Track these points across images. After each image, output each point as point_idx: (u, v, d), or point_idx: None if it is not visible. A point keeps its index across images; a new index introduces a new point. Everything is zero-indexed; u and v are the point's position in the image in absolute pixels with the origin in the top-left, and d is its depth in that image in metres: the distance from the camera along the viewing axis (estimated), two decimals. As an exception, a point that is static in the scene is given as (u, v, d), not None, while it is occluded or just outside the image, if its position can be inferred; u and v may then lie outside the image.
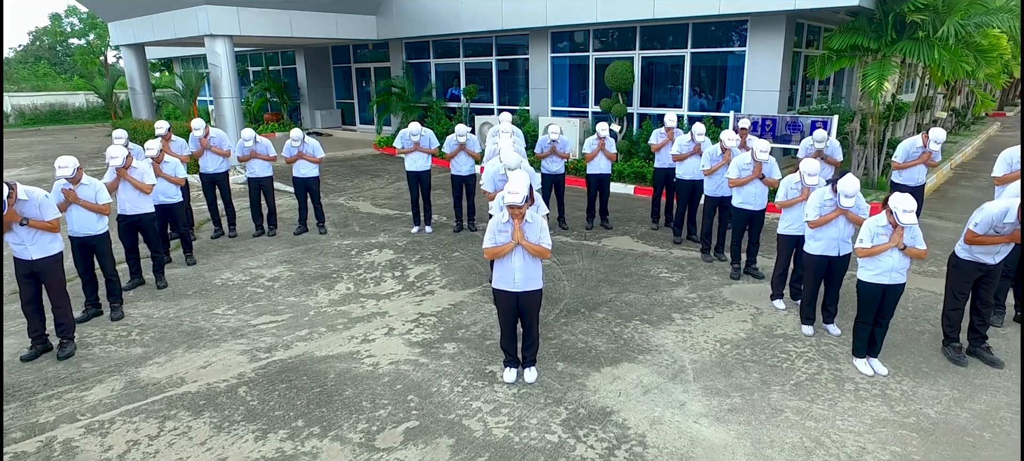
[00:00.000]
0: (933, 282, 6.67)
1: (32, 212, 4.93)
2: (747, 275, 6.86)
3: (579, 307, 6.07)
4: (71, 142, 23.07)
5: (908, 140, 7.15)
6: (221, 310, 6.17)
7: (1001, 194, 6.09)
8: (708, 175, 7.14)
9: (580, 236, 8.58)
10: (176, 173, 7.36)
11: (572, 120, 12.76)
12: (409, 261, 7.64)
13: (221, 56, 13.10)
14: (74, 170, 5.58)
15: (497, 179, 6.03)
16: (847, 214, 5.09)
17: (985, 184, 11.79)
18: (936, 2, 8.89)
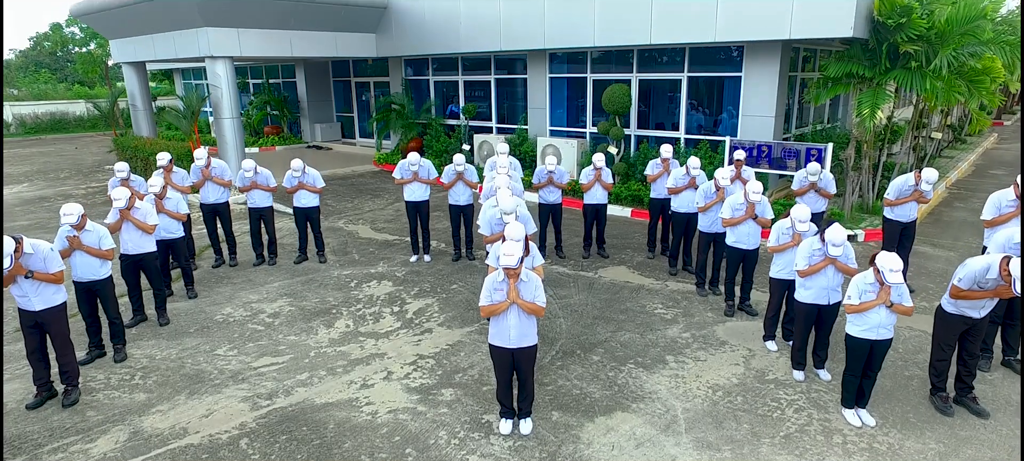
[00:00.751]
0: (924, 320, 6.75)
1: (37, 265, 5.03)
2: (741, 311, 6.96)
3: (575, 348, 6.17)
4: (72, 154, 23.19)
5: (900, 178, 7.24)
6: (222, 350, 6.27)
7: (990, 237, 6.20)
8: (702, 212, 7.24)
9: (577, 266, 8.68)
10: (178, 209, 7.47)
11: (570, 141, 12.86)
12: (408, 294, 7.74)
13: (222, 77, 13.20)
14: (78, 217, 5.68)
15: (494, 223, 6.13)
16: (835, 263, 5.18)
17: (979, 206, 11.87)
18: (929, 34, 8.97)
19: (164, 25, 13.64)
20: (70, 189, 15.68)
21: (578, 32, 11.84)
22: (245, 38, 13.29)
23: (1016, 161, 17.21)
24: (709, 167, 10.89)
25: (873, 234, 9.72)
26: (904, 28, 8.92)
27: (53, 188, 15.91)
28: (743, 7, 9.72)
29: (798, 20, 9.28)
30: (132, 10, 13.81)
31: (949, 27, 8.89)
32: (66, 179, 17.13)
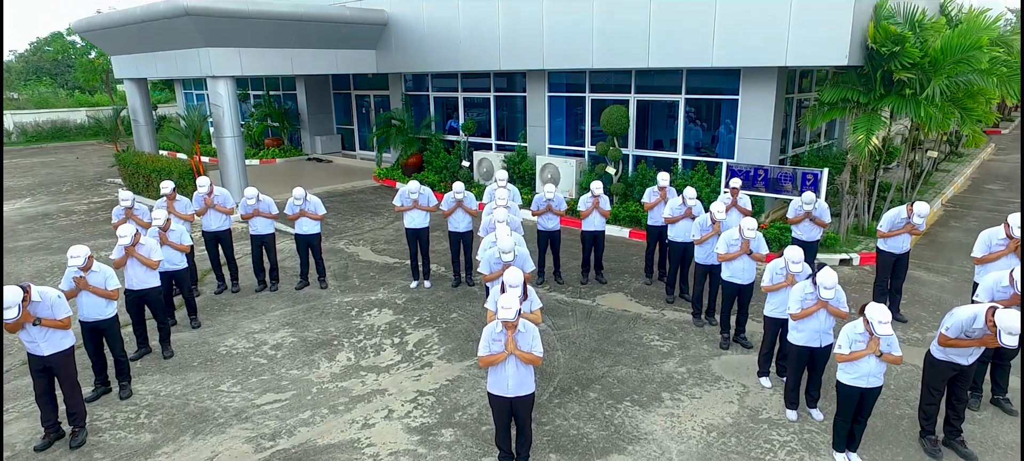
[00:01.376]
0: (916, 354, 6.86)
1: (44, 312, 5.13)
2: (736, 343, 7.07)
3: (573, 385, 6.28)
4: (73, 164, 23.27)
5: (893, 211, 7.35)
6: (226, 386, 6.38)
7: (980, 273, 6.32)
8: (699, 244, 7.35)
9: (575, 292, 8.79)
10: (182, 240, 7.57)
11: (569, 160, 12.97)
12: (408, 324, 7.85)
13: (223, 96, 13.29)
14: (85, 259, 5.78)
15: (493, 263, 6.23)
16: (827, 307, 5.29)
17: (974, 225, 11.99)
18: (923, 62, 9.09)
19: (166, 44, 13.74)
20: (72, 203, 15.79)
21: (577, 54, 11.95)
22: (246, 57, 13.39)
23: (1012, 174, 17.32)
24: (706, 189, 11.01)
25: (868, 258, 9.82)
26: (898, 56, 9.04)
27: (55, 203, 16.01)
28: (740, 34, 9.83)
29: (794, 48, 9.39)
30: (133, 29, 13.91)
31: (943, 56, 9.00)
32: (68, 193, 17.23)
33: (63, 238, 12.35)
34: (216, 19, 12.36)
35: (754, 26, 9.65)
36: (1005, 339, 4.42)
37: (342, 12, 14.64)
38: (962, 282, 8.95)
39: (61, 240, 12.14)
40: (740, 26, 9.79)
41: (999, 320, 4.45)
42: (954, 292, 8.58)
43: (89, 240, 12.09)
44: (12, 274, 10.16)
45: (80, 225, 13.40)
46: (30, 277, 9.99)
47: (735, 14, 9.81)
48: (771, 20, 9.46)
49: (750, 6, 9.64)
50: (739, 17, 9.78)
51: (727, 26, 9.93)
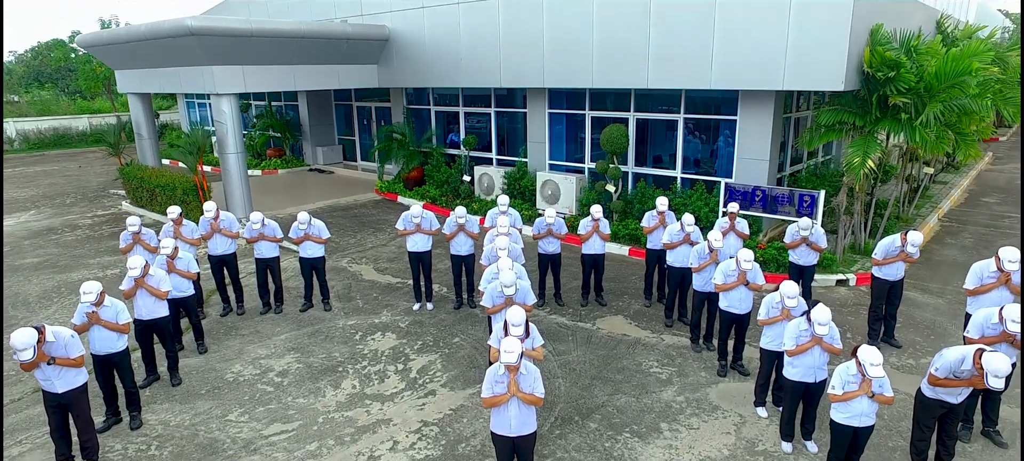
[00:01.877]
0: (911, 380, 7.00)
1: (58, 352, 5.27)
2: (734, 370, 7.21)
3: (573, 414, 6.42)
4: (76, 173, 23.41)
5: (887, 239, 7.48)
6: (234, 416, 6.51)
7: (973, 305, 6.45)
8: (696, 272, 7.48)
9: (575, 315, 8.93)
10: (189, 268, 7.71)
11: (569, 177, 13.10)
12: (411, 349, 7.99)
13: (226, 113, 13.43)
14: (97, 295, 5.90)
15: (496, 296, 6.36)
16: (821, 343, 5.43)
17: (970, 242, 12.13)
18: (918, 87, 9.22)
19: (170, 61, 13.88)
20: (76, 217, 15.92)
21: (577, 73, 12.08)
22: (250, 75, 13.53)
23: (1008, 185, 17.45)
24: (704, 209, 11.15)
25: (865, 278, 9.96)
26: (893, 81, 9.17)
27: (59, 216, 16.15)
28: (737, 58, 9.96)
29: (791, 73, 9.52)
30: (138, 46, 14.05)
31: (937, 81, 9.13)
32: (72, 206, 17.36)
33: (68, 255, 12.49)
34: (220, 38, 12.49)
35: (751, 50, 9.78)
36: (992, 382, 4.56)
37: (344, 29, 14.77)
38: (957, 304, 9.07)
39: (66, 257, 12.28)
40: (738, 50, 9.93)
41: (986, 363, 4.59)
42: (949, 315, 8.71)
43: (94, 257, 12.23)
44: (20, 294, 10.29)
45: (85, 240, 13.53)
46: (38, 297, 10.13)
47: (733, 38, 9.94)
48: (768, 45, 9.59)
49: (748, 31, 9.77)
50: (737, 41, 9.91)
51: (725, 50, 10.06)
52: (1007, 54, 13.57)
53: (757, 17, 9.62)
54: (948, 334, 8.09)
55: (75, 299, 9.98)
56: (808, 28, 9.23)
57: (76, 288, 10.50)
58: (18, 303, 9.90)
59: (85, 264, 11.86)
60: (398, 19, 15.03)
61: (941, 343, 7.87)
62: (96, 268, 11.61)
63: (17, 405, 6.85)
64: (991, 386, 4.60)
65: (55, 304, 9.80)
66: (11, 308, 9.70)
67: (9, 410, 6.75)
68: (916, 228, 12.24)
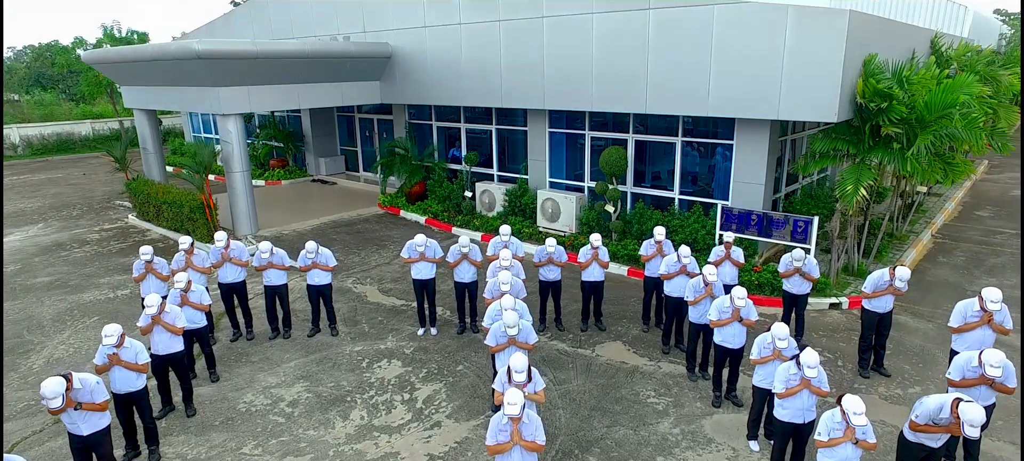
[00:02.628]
0: (898, 411, 7.27)
1: (85, 398, 5.53)
2: (727, 400, 7.49)
3: (573, 448, 6.69)
4: (81, 182, 23.65)
5: (876, 273, 7.74)
6: (247, 449, 6.79)
7: (957, 342, 6.72)
8: (692, 305, 7.74)
9: (575, 341, 9.20)
10: (202, 300, 7.96)
11: (569, 196, 13.35)
12: (417, 377, 8.26)
13: (232, 133, 13.68)
14: (118, 337, 6.16)
15: (499, 336, 6.62)
16: (810, 386, 5.69)
17: (962, 261, 12.38)
18: (911, 117, 9.46)
19: (176, 81, 14.11)
20: (84, 230, 16.17)
21: (577, 96, 12.32)
22: (255, 95, 13.77)
23: (1002, 197, 17.68)
24: (701, 231, 11.41)
25: (857, 302, 10.19)
26: (886, 112, 9.42)
27: (67, 230, 16.40)
28: (734, 86, 10.20)
29: (785, 103, 9.77)
30: (143, 66, 14.27)
31: (928, 112, 9.37)
32: (78, 218, 17.61)
33: (79, 273, 12.75)
34: (226, 61, 12.72)
35: (748, 80, 10.02)
36: (968, 431, 4.83)
37: (347, 47, 14.99)
38: (946, 330, 9.30)
39: (77, 277, 12.53)
40: (734, 79, 10.16)
41: (962, 413, 4.86)
42: (937, 341, 8.98)
43: (104, 276, 12.49)
44: (33, 317, 10.55)
45: (94, 257, 13.79)
46: (51, 320, 10.38)
47: (729, 68, 10.18)
48: (764, 76, 9.83)
49: (744, 62, 10.01)
50: (733, 71, 10.15)
51: (722, 78, 10.30)
52: (999, 72, 13.82)
53: (753, 48, 9.85)
54: (936, 362, 8.35)
55: (86, 322, 10.26)
56: (802, 60, 9.47)
57: (88, 310, 10.78)
58: (33, 327, 10.16)
59: (95, 283, 12.12)
60: (400, 37, 15.24)
61: (929, 372, 8.15)
62: (106, 288, 11.87)
63: (38, 437, 7.12)
64: (967, 435, 4.86)
65: (69, 328, 10.06)
66: (26, 332, 9.96)
67: (32, 441, 7.02)
68: (908, 252, 12.50)
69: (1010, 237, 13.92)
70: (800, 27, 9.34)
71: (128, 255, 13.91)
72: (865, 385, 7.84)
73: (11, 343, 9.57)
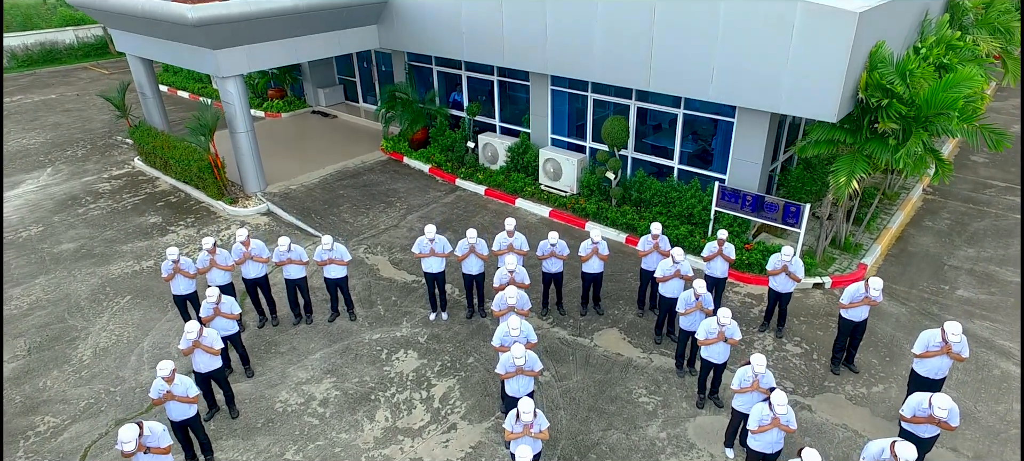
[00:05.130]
0: (859, 414, 8.23)
1: (153, 443, 6.38)
2: (710, 401, 8.44)
3: (573, 454, 7.71)
4: (77, 108, 23.37)
5: (852, 286, 8.36)
6: (290, 454, 7.80)
7: (918, 365, 7.51)
8: (683, 316, 8.46)
9: (575, 329, 10.01)
10: (232, 310, 8.65)
11: (570, 158, 13.59)
12: (432, 371, 9.16)
13: (233, 94, 13.62)
14: (170, 372, 6.91)
15: (508, 366, 7.35)
16: (779, 424, 6.55)
17: (947, 225, 12.92)
18: (909, 114, 9.59)
19: (171, 37, 13.77)
20: (94, 178, 16.47)
21: (579, 65, 12.20)
22: (253, 54, 13.53)
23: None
24: (698, 207, 11.87)
25: (840, 280, 10.94)
26: (885, 109, 9.55)
27: (77, 177, 16.67)
28: (737, 76, 10.19)
29: (786, 98, 9.84)
30: (139, 20, 13.86)
31: (926, 107, 9.49)
32: (84, 160, 17.80)
33: (100, 238, 13.29)
34: (223, 26, 12.41)
35: (751, 72, 10.00)
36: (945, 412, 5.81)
37: (343, -5, 14.44)
38: (918, 314, 10.14)
39: (100, 244, 13.08)
40: (738, 69, 10.13)
41: (899, 451, 5.74)
42: (908, 329, 9.78)
43: (126, 243, 13.05)
44: (71, 296, 11.27)
45: (111, 216, 14.25)
46: (88, 301, 11.10)
47: (734, 57, 10.11)
48: (767, 70, 9.81)
49: (749, 53, 9.92)
50: (738, 61, 10.09)
51: (726, 67, 10.26)
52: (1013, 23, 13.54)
53: (759, 40, 9.74)
54: (902, 355, 9.20)
55: (120, 303, 10.99)
56: (807, 59, 9.42)
57: (119, 288, 11.47)
58: (73, 309, 10.91)
59: (119, 252, 12.72)
60: (397, -18, 14.62)
61: (894, 367, 9.04)
62: (130, 257, 12.49)
63: (106, 440, 8.11)
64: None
65: (106, 311, 10.82)
66: (67, 315, 10.73)
67: (100, 446, 8.02)
68: (896, 216, 12.99)
69: (999, 192, 14.34)
70: (808, 26, 9.21)
71: (143, 213, 14.39)
72: (834, 384, 8.76)
73: (56, 329, 10.37)
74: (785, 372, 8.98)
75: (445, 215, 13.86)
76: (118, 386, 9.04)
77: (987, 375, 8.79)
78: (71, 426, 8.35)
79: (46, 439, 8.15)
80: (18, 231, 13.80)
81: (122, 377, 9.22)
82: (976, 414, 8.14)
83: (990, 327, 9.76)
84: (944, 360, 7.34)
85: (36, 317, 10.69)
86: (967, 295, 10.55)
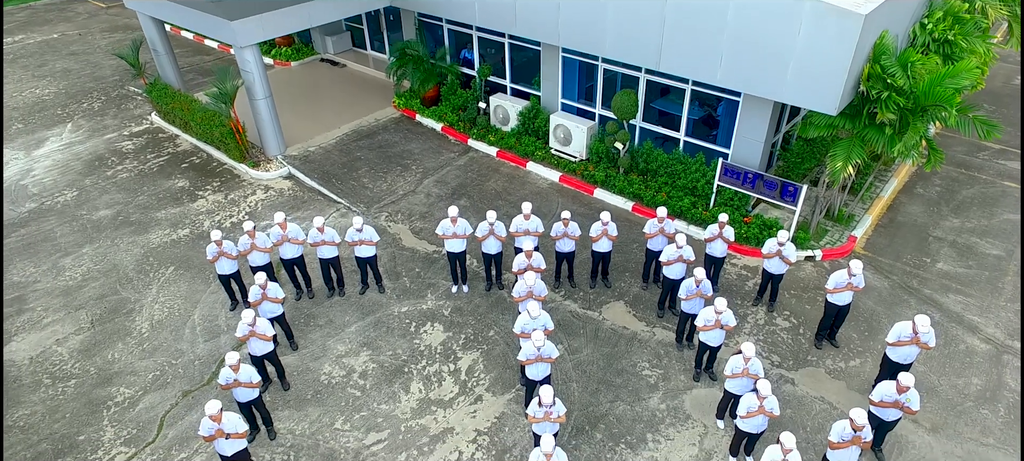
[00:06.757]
0: (835, 387, 9.35)
1: (230, 429, 7.49)
2: (705, 375, 9.55)
3: (584, 424, 8.89)
4: (82, 50, 23.32)
5: (838, 272, 9.22)
6: (339, 424, 9.00)
7: (891, 352, 8.52)
8: (685, 301, 9.40)
9: (585, 302, 10.99)
10: (277, 295, 9.58)
11: (580, 125, 14.08)
12: (457, 344, 10.22)
13: (251, 62, 13.91)
14: (236, 361, 7.92)
15: (529, 353, 8.36)
16: (763, 411, 7.64)
17: (936, 194, 13.61)
18: (907, 104, 10.09)
19: (188, 3, 13.87)
20: (115, 136, 16.97)
21: (590, 40, 12.45)
22: (267, 23, 13.72)
23: (1001, 90, 18.06)
24: (702, 181, 12.54)
25: (831, 253, 11.81)
26: (885, 101, 10.04)
27: (99, 135, 17.15)
28: (744, 65, 10.57)
29: (790, 90, 10.29)
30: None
31: (924, 99, 9.97)
32: (102, 114, 18.20)
33: (134, 204, 14.04)
34: (238, 0, 12.56)
35: (757, 62, 10.38)
36: (865, 434, 6.91)
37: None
38: (899, 289, 11.07)
39: (135, 209, 13.84)
40: (745, 58, 10.49)
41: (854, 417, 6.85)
42: (888, 304, 10.75)
43: (160, 209, 13.80)
44: (118, 266, 12.19)
45: (140, 180, 14.91)
46: (135, 271, 12.02)
47: (742, 46, 10.44)
48: (773, 61, 10.19)
49: (756, 44, 10.25)
50: (745, 50, 10.43)
51: (733, 54, 10.61)
52: None
53: (767, 33, 10.06)
54: (880, 330, 10.20)
55: (165, 274, 11.91)
56: (812, 54, 9.80)
57: (161, 258, 12.35)
58: (123, 280, 11.85)
59: (154, 220, 13.52)
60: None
61: (871, 342, 10.07)
62: (166, 225, 13.31)
63: (177, 410, 9.29)
64: (865, 438, 6.94)
65: (154, 283, 11.77)
66: (119, 287, 11.70)
67: (173, 416, 9.21)
68: (889, 182, 13.65)
69: (992, 156, 14.87)
70: (815, 23, 9.52)
71: (170, 176, 15.05)
72: (816, 358, 9.83)
73: (112, 301, 11.37)
74: (773, 346, 10.04)
75: (459, 179, 14.52)
76: (179, 359, 10.14)
77: (953, 350, 9.85)
78: (144, 397, 9.51)
79: (124, 409, 9.34)
80: (54, 196, 14.52)
81: (181, 350, 10.30)
82: (938, 388, 9.27)
83: (962, 301, 10.74)
84: (913, 349, 8.34)
85: (91, 288, 11.66)
86: (946, 268, 11.45)
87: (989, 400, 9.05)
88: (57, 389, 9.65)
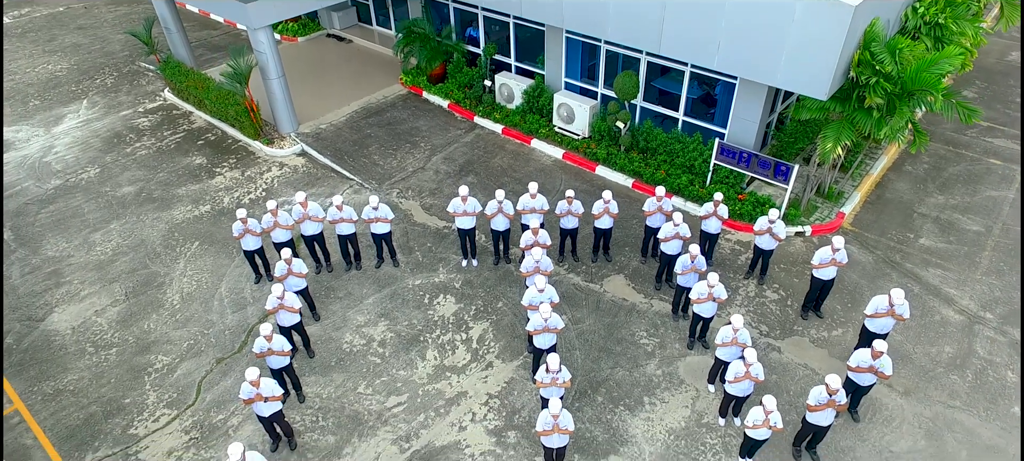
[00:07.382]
0: (819, 355, 10.14)
1: (268, 392, 8.25)
2: (698, 344, 10.33)
3: (587, 388, 9.71)
4: (90, 24, 23.54)
5: (823, 249, 9.91)
6: (362, 388, 9.81)
7: (869, 323, 9.27)
8: (680, 275, 10.12)
9: (587, 275, 11.71)
10: (301, 270, 10.29)
11: (583, 104, 14.60)
12: (468, 315, 10.99)
13: (265, 43, 14.35)
14: (270, 331, 8.66)
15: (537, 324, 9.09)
16: (749, 376, 8.43)
17: (925, 170, 14.22)
18: (895, 89, 10.64)
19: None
20: (130, 113, 17.47)
21: (593, 23, 12.88)
22: (281, 3, 14.12)
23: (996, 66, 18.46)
24: (699, 159, 13.15)
25: (820, 229, 12.50)
26: (874, 87, 10.59)
27: (114, 111, 17.64)
28: (740, 51, 11.07)
29: (783, 75, 10.82)
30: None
31: (910, 84, 10.52)
32: (115, 91, 18.64)
33: (155, 180, 14.65)
34: (252, -16, 12.95)
35: (752, 48, 10.87)
36: (839, 398, 7.70)
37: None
38: (883, 264, 11.79)
39: (157, 186, 14.46)
40: (741, 45, 10.99)
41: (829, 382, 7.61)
42: (871, 277, 11.49)
43: (181, 186, 14.44)
44: (146, 242, 12.87)
45: (159, 157, 15.50)
46: (162, 247, 12.71)
47: (738, 34, 10.93)
48: (768, 47, 10.69)
49: (752, 32, 10.74)
50: (741, 37, 10.91)
51: (730, 40, 11.10)
52: None
53: (762, 22, 10.54)
54: (862, 302, 10.92)
55: (190, 248, 12.61)
56: (805, 41, 10.29)
57: (186, 234, 13.03)
58: (152, 255, 12.55)
59: (176, 196, 14.15)
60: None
61: (853, 313, 10.82)
62: (188, 202, 13.95)
63: (212, 376, 10.09)
64: (839, 401, 7.73)
65: (181, 257, 12.48)
66: (149, 261, 12.41)
67: (209, 381, 10.02)
68: (880, 159, 14.22)
69: (980, 133, 15.42)
70: (807, 12, 10.00)
71: (187, 153, 15.62)
72: (801, 327, 10.60)
73: (143, 275, 12.09)
74: (762, 316, 10.80)
75: (467, 156, 15.11)
76: (210, 329, 10.91)
77: (928, 320, 10.63)
78: (181, 364, 10.32)
79: (164, 375, 10.15)
80: (78, 173, 15.12)
81: (211, 320, 11.07)
82: (912, 355, 10.06)
83: (941, 275, 11.47)
84: (889, 320, 9.09)
85: (122, 263, 12.38)
86: (928, 244, 12.16)
87: (958, 367, 9.85)
88: (100, 356, 10.44)
